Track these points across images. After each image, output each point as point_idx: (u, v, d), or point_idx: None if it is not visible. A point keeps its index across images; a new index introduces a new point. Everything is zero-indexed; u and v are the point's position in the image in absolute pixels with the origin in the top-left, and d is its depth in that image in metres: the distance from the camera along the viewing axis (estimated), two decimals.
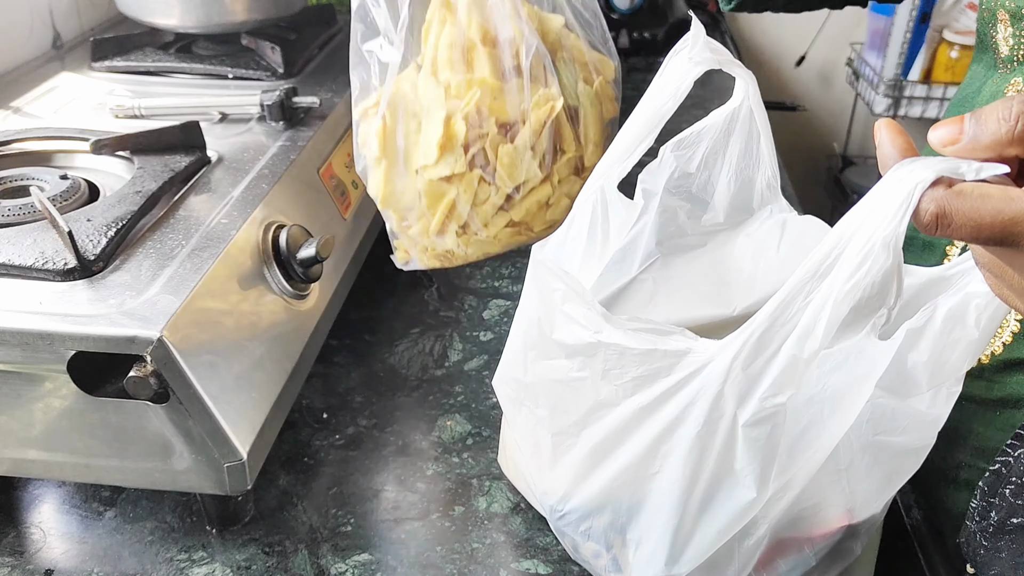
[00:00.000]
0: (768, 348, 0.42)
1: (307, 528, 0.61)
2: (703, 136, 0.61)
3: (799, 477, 0.47)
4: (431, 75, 0.68)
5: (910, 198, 0.36)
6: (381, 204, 0.71)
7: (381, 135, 0.68)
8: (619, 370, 0.47)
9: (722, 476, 0.47)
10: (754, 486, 0.46)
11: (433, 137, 0.66)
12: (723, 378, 0.44)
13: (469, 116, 0.66)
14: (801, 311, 0.41)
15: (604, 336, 0.47)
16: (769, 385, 0.43)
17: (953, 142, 0.37)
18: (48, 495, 0.63)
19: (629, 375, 0.47)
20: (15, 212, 0.63)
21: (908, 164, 0.37)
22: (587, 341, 0.48)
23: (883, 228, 0.38)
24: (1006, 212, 0.35)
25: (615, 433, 0.49)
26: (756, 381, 0.43)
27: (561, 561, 0.58)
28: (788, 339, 0.42)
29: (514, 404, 0.57)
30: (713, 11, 1.75)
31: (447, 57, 0.67)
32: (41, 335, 0.52)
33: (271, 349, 0.63)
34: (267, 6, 0.97)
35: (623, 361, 0.47)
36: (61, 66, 0.98)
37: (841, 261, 0.40)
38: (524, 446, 0.57)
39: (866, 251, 0.39)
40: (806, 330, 0.41)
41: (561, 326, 0.49)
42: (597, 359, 0.47)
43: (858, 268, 0.39)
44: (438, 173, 0.67)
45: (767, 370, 0.43)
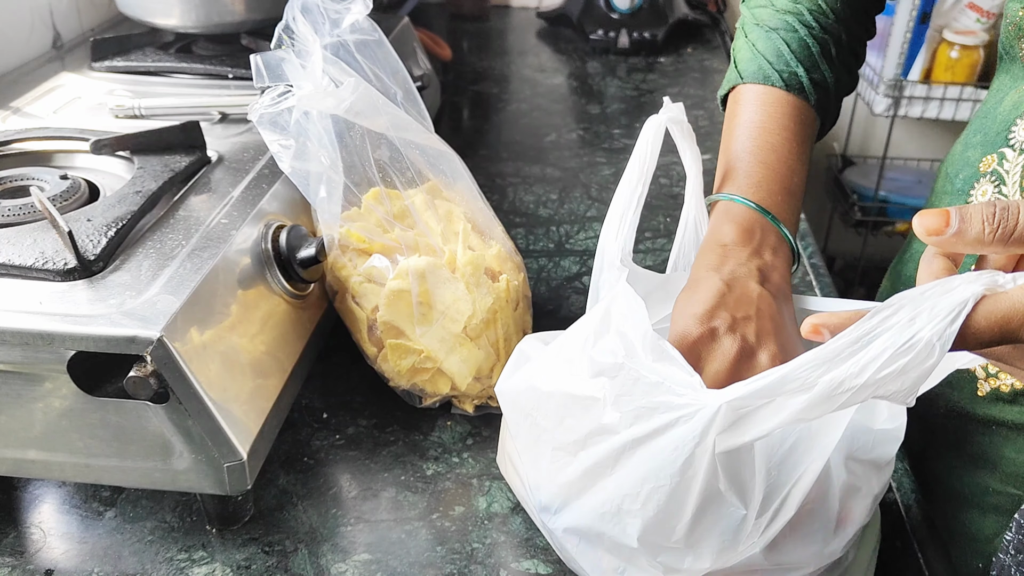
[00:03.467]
0: (767, 401, 0.43)
1: (307, 528, 0.61)
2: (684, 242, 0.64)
3: (794, 494, 0.48)
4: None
5: (964, 306, 0.37)
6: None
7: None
8: (629, 397, 0.48)
9: (711, 499, 0.48)
10: (740, 503, 0.47)
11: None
12: (712, 420, 0.44)
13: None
14: (810, 384, 0.41)
15: (630, 360, 0.48)
16: (755, 430, 0.44)
17: (938, 233, 0.39)
18: (48, 495, 0.63)
19: (635, 403, 0.47)
20: (15, 212, 0.63)
21: (954, 279, 0.39)
22: (617, 362, 0.48)
23: (932, 327, 0.38)
24: (996, 311, 0.37)
25: (608, 459, 0.49)
26: (743, 421, 0.44)
27: (561, 561, 0.58)
28: (795, 397, 0.42)
29: (521, 413, 0.56)
30: (713, 11, 1.75)
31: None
32: (41, 335, 0.52)
33: (271, 349, 0.63)
34: (267, 6, 0.97)
35: (634, 389, 0.47)
36: (61, 66, 0.98)
37: (873, 345, 0.39)
38: (525, 456, 0.57)
39: (909, 345, 0.38)
40: (816, 401, 0.41)
41: (602, 345, 0.50)
42: (617, 381, 0.48)
43: (894, 360, 0.39)
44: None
45: (756, 417, 0.44)
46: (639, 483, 0.48)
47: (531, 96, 1.36)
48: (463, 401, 0.71)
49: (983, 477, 0.62)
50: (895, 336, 0.38)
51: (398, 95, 0.72)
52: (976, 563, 0.63)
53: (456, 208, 0.72)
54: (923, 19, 1.83)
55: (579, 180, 1.08)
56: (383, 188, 0.70)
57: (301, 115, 0.66)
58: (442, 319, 0.66)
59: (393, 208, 0.70)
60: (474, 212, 0.73)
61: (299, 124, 0.66)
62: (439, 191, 0.73)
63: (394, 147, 0.70)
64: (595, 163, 1.13)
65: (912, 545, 0.61)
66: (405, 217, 0.70)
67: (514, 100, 1.34)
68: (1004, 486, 0.61)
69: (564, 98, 1.37)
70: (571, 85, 1.42)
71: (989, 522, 0.62)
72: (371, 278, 0.68)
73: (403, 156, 0.70)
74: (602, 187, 1.06)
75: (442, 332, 0.67)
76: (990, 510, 0.62)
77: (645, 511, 0.48)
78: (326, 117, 0.66)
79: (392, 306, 0.66)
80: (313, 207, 0.69)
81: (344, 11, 0.70)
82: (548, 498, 0.55)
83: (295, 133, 0.67)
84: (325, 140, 0.66)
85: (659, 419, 0.46)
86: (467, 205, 0.73)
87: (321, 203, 0.68)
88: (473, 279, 0.67)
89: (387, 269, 0.67)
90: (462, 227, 0.70)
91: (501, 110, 1.30)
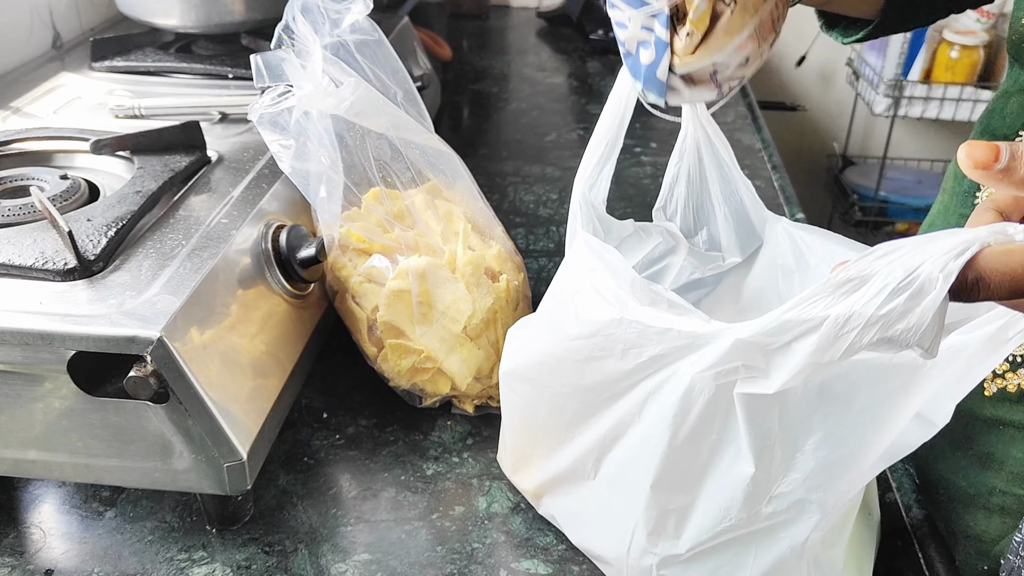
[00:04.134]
0: (781, 339, 0.42)
1: (307, 528, 0.61)
2: (679, 182, 0.63)
3: (839, 485, 0.47)
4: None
5: (970, 244, 0.36)
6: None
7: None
8: (639, 349, 0.47)
9: (721, 449, 0.47)
10: (752, 460, 0.46)
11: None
12: (727, 357, 0.44)
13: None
14: (818, 319, 0.40)
15: (627, 313, 0.48)
16: (777, 373, 0.43)
17: (985, 167, 0.37)
18: (48, 495, 0.63)
19: (648, 353, 0.47)
20: (15, 212, 0.63)
21: (962, 229, 0.38)
22: (611, 318, 0.48)
23: (935, 261, 0.37)
24: (1010, 262, 0.36)
25: (632, 412, 0.50)
26: (766, 364, 0.43)
27: (561, 561, 0.58)
28: (805, 339, 0.41)
29: (538, 386, 0.56)
30: None
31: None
32: (41, 335, 0.52)
33: (271, 349, 0.63)
34: (267, 6, 0.97)
35: (642, 339, 0.47)
36: (61, 66, 0.98)
37: (873, 281, 0.38)
38: (542, 430, 0.57)
39: (909, 279, 0.37)
40: (825, 341, 0.40)
41: (590, 304, 0.50)
42: (618, 337, 0.48)
43: (895, 295, 0.38)
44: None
45: (776, 358, 0.42)
46: (652, 425, 0.48)
47: (531, 96, 1.36)
48: (463, 401, 0.71)
49: (989, 477, 0.62)
50: (896, 271, 0.37)
51: (398, 95, 0.72)
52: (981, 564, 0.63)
53: (456, 208, 0.72)
54: None
55: None
56: (383, 188, 0.70)
57: (301, 115, 0.66)
58: (442, 319, 0.66)
59: (393, 208, 0.70)
60: (474, 212, 0.73)
61: (299, 124, 0.66)
62: (439, 191, 0.73)
63: (394, 147, 0.70)
64: None
65: (912, 545, 0.61)
66: (405, 217, 0.70)
67: (514, 100, 1.34)
68: (1011, 486, 0.61)
69: (564, 97, 1.37)
70: (571, 84, 1.42)
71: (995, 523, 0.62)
72: (371, 278, 0.68)
73: (403, 156, 0.70)
74: None
75: (442, 332, 0.67)
76: (996, 511, 0.62)
77: (657, 454, 0.48)
78: (326, 117, 0.66)
79: (392, 306, 0.66)
80: (313, 207, 0.69)
81: (344, 11, 0.70)
82: (566, 461, 0.55)
83: (295, 133, 0.67)
84: (325, 140, 0.66)
85: (674, 362, 0.46)
86: (467, 205, 0.73)
87: (321, 203, 0.68)
88: (473, 279, 0.67)
89: (387, 269, 0.67)
90: (462, 227, 0.70)
91: (501, 110, 1.30)
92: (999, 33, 1.92)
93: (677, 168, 0.63)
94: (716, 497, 0.49)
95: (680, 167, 0.63)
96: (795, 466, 0.47)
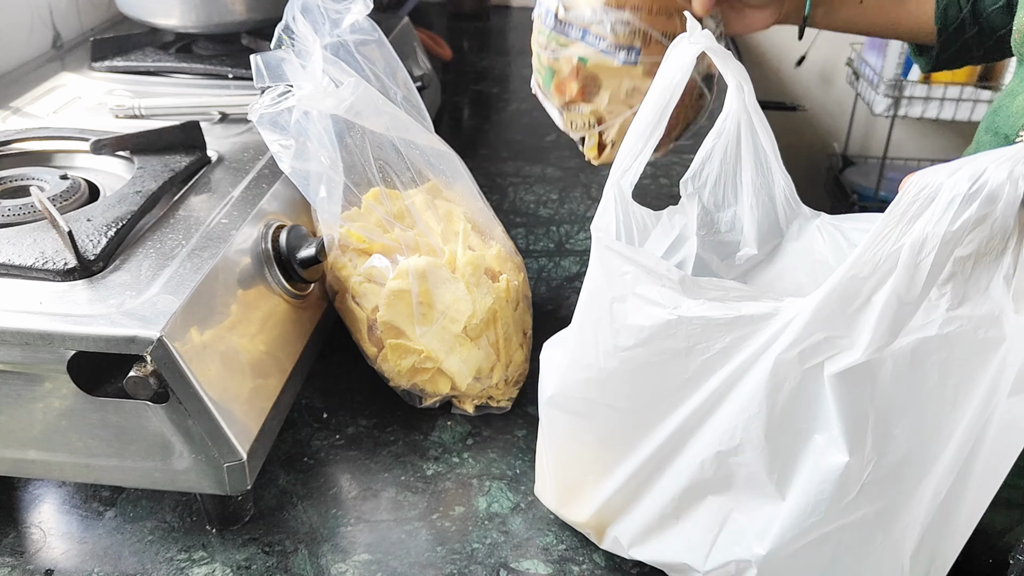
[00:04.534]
0: (857, 298, 0.40)
1: (307, 528, 0.61)
2: (712, 159, 0.60)
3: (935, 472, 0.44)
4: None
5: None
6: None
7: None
8: (705, 344, 0.45)
9: (812, 437, 0.44)
10: (845, 448, 0.43)
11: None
12: (808, 330, 0.41)
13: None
14: (893, 257, 0.38)
15: (684, 311, 0.45)
16: (862, 335, 0.41)
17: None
18: (48, 495, 0.63)
19: (717, 346, 0.45)
20: (15, 212, 0.63)
21: (1003, 148, 0.37)
22: (666, 319, 0.46)
23: (999, 166, 0.35)
24: None
25: (703, 408, 0.47)
26: (848, 330, 0.41)
27: (561, 561, 0.58)
28: (882, 286, 0.39)
29: (588, 407, 0.54)
30: None
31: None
32: (41, 335, 0.52)
33: (271, 349, 0.63)
34: (267, 6, 0.97)
35: (708, 334, 0.45)
36: (61, 66, 0.98)
37: (937, 201, 0.36)
38: (595, 453, 0.54)
39: (977, 187, 0.35)
40: (904, 275, 0.38)
41: (636, 310, 0.47)
42: (679, 336, 0.46)
43: (966, 206, 0.36)
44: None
45: (859, 320, 0.40)
46: (735, 416, 0.45)
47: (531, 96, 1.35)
48: (463, 401, 0.71)
49: None
50: (960, 182, 0.36)
51: (398, 95, 0.72)
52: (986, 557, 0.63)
53: (456, 208, 0.73)
54: None
55: (579, 180, 1.08)
56: (383, 188, 0.70)
57: (301, 115, 0.66)
58: (442, 319, 0.66)
59: (393, 208, 0.70)
60: (474, 212, 0.73)
61: (299, 124, 0.66)
62: (439, 191, 0.73)
63: (394, 147, 0.70)
64: None
65: None
66: (405, 217, 0.70)
67: (514, 100, 1.34)
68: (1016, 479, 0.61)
69: None
70: None
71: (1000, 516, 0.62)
72: (371, 278, 0.68)
73: (403, 156, 0.70)
74: (602, 187, 1.06)
75: (442, 332, 0.67)
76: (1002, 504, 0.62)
77: (742, 452, 0.45)
78: (326, 117, 0.66)
79: (392, 306, 0.66)
80: (313, 207, 0.69)
81: (344, 11, 0.70)
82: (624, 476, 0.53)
83: (295, 133, 0.67)
84: (325, 140, 0.67)
85: (747, 349, 0.44)
86: (467, 205, 0.73)
87: (321, 203, 0.68)
88: (473, 279, 0.67)
89: (387, 269, 0.67)
90: (462, 227, 0.70)
91: (501, 110, 1.30)
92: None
93: (713, 144, 0.60)
94: (805, 492, 0.46)
95: (716, 144, 0.60)
96: (887, 452, 0.44)
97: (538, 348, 0.75)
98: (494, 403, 0.71)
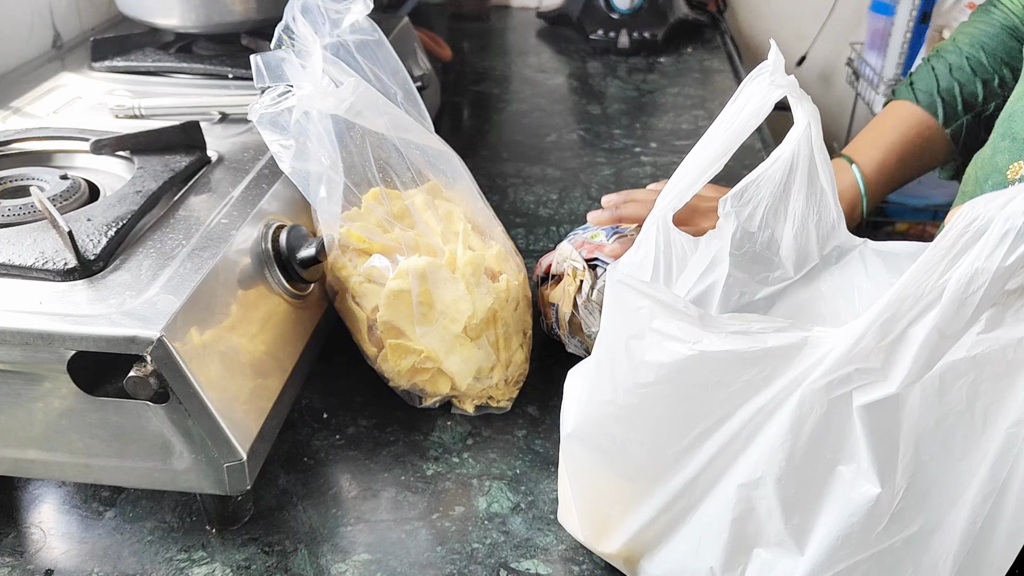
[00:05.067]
0: (894, 331, 0.39)
1: (307, 528, 0.61)
2: (762, 186, 0.59)
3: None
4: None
5: None
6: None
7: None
8: (731, 377, 0.44)
9: (837, 468, 0.44)
10: (876, 479, 0.42)
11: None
12: (839, 363, 0.40)
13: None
14: (936, 291, 0.37)
15: (706, 346, 0.44)
16: (897, 367, 0.40)
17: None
18: (48, 495, 0.63)
19: (743, 379, 0.44)
20: (15, 212, 0.63)
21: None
22: (687, 355, 0.44)
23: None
24: None
25: (727, 447, 0.46)
26: (882, 362, 0.40)
27: (561, 561, 0.58)
28: (923, 318, 0.38)
29: (610, 442, 0.52)
30: (713, 11, 1.75)
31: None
32: (41, 335, 0.52)
33: (271, 349, 0.63)
34: (267, 6, 0.97)
35: (733, 367, 0.44)
36: (61, 66, 0.98)
37: (989, 235, 0.36)
38: (619, 487, 0.53)
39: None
40: (949, 311, 0.37)
41: (654, 346, 0.46)
42: (703, 372, 0.44)
43: (1021, 240, 0.35)
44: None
45: (895, 352, 0.39)
46: (758, 448, 0.44)
47: (531, 96, 1.36)
48: (463, 401, 0.71)
49: None
50: (1016, 215, 0.35)
51: (398, 95, 0.72)
52: None
53: (456, 208, 0.73)
54: (923, 19, 1.83)
55: (579, 180, 1.08)
56: (383, 188, 0.70)
57: (301, 115, 0.66)
58: (442, 319, 0.66)
59: (393, 208, 0.70)
60: (474, 212, 0.73)
61: (299, 124, 0.66)
62: (439, 191, 0.73)
63: (394, 147, 0.70)
64: (595, 163, 1.13)
65: None
66: (405, 217, 0.70)
67: (514, 100, 1.34)
68: None
69: (564, 98, 1.37)
70: (571, 85, 1.42)
71: None
72: (371, 278, 0.68)
73: (403, 156, 0.70)
74: (602, 187, 1.06)
75: (442, 332, 0.67)
76: None
77: (764, 485, 0.44)
78: (326, 117, 0.66)
79: (392, 306, 0.66)
80: (313, 207, 0.69)
81: (344, 11, 0.70)
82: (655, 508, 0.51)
83: (295, 133, 0.67)
84: (325, 140, 0.66)
85: (778, 381, 0.42)
86: (467, 205, 0.73)
87: (321, 203, 0.68)
88: (473, 279, 0.67)
89: (387, 269, 0.67)
90: (462, 227, 0.70)
91: (501, 110, 1.30)
92: None
93: (764, 171, 0.59)
94: (834, 524, 0.45)
95: (768, 171, 0.59)
96: (917, 479, 0.43)
97: (538, 348, 0.76)
98: (494, 403, 0.71)
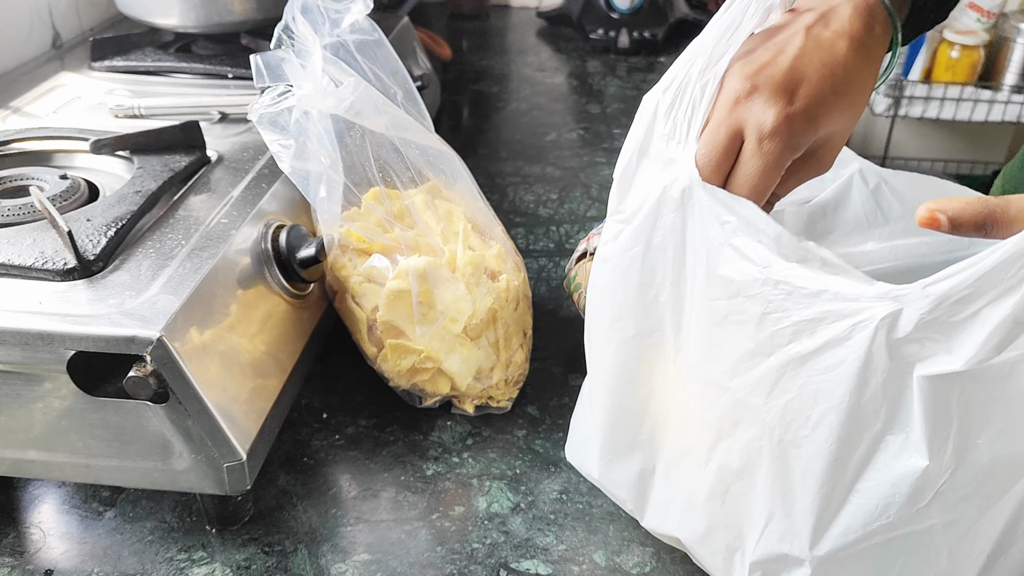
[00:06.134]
0: (967, 310, 0.38)
1: (307, 528, 0.61)
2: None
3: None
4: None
5: None
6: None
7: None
8: (780, 313, 0.42)
9: (885, 437, 0.42)
10: (926, 452, 0.41)
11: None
12: (903, 328, 0.39)
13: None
14: (1017, 277, 0.36)
15: (773, 272, 0.42)
16: (965, 346, 0.39)
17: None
18: (48, 495, 0.63)
19: (790, 319, 0.42)
20: (15, 212, 0.63)
21: None
22: (754, 277, 0.43)
23: None
24: None
25: (762, 386, 0.44)
26: (949, 337, 0.39)
27: (561, 561, 0.58)
28: (1001, 302, 0.37)
29: (657, 323, 0.50)
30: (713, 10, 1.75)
31: None
32: (41, 335, 0.52)
33: (271, 349, 0.63)
34: (267, 6, 0.97)
35: (787, 303, 0.42)
36: (61, 66, 0.98)
37: None
38: (648, 393, 0.51)
39: None
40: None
41: (728, 261, 0.45)
42: (759, 299, 0.43)
43: None
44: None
45: (964, 330, 0.38)
46: (810, 403, 0.42)
47: (531, 95, 1.36)
48: (463, 401, 0.71)
49: None
50: None
51: (398, 95, 0.72)
52: None
53: (456, 208, 0.73)
54: None
55: (579, 180, 1.08)
56: (383, 188, 0.70)
57: (301, 115, 0.66)
58: (442, 319, 0.66)
59: (393, 208, 0.70)
60: (474, 212, 0.73)
61: (299, 124, 0.66)
62: (439, 191, 0.73)
63: (394, 147, 0.70)
64: (595, 163, 1.13)
65: None
66: (405, 217, 0.70)
67: (514, 99, 1.34)
68: None
69: (564, 97, 1.37)
70: (571, 84, 1.42)
71: None
72: (371, 278, 0.68)
73: (403, 156, 0.70)
74: (602, 187, 1.06)
75: (442, 332, 0.67)
76: None
77: (815, 439, 0.42)
78: (326, 117, 0.66)
79: (392, 306, 0.66)
80: (313, 207, 0.69)
81: (344, 11, 0.70)
82: (687, 440, 0.50)
83: (295, 133, 0.67)
84: (325, 140, 0.67)
85: (826, 331, 0.41)
86: (467, 205, 0.73)
87: (321, 203, 0.68)
88: (473, 279, 0.67)
89: (387, 269, 0.67)
90: (462, 227, 0.70)
91: (501, 109, 1.30)
92: (999, 33, 1.92)
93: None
94: (874, 492, 0.43)
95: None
96: (967, 460, 0.42)
97: (538, 348, 0.75)
98: (494, 403, 0.71)
